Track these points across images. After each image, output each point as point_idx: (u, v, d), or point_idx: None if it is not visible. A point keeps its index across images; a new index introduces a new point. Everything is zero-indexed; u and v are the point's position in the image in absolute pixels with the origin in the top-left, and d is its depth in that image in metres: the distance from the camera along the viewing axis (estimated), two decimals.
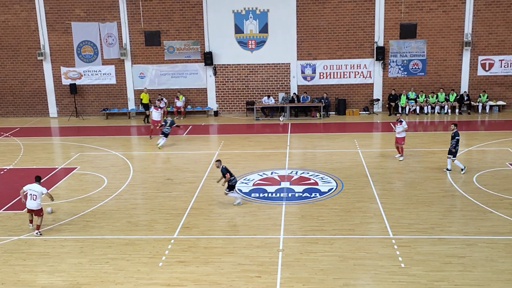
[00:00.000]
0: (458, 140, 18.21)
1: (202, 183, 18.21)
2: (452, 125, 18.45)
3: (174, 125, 23.01)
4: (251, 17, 28.11)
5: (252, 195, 16.98)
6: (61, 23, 28.48)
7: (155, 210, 15.91)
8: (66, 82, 29.17)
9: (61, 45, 28.77)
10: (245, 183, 18.07)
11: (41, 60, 28.90)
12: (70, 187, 18.28)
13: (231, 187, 16.09)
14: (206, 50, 28.38)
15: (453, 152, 18.27)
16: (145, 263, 12.67)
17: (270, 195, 16.97)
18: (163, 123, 22.97)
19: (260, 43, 28.39)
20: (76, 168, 20.15)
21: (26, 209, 14.52)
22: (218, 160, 16.37)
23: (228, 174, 15.89)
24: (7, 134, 25.76)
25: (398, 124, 19.90)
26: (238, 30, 28.28)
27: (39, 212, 14.35)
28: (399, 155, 20.06)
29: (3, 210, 16.15)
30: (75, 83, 28.85)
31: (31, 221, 14.64)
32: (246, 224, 14.78)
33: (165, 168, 20.02)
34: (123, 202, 16.70)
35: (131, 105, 29.22)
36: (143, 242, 13.83)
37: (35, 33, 28.64)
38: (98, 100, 29.44)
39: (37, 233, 14.24)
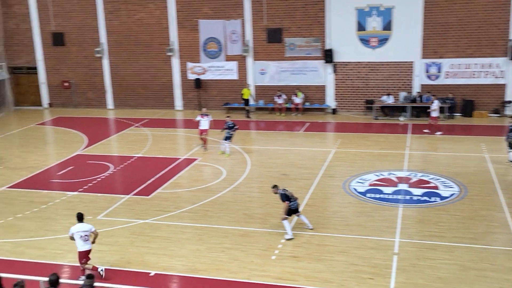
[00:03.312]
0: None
1: (317, 180, 18.20)
2: (510, 118, 19.66)
3: (237, 127, 21.63)
4: (374, 14, 27.48)
5: (368, 195, 16.66)
6: (190, 20, 29.92)
7: (270, 204, 16.19)
8: (191, 77, 30.61)
9: (188, 41, 30.23)
10: (361, 182, 17.77)
11: (170, 56, 30.58)
12: (191, 177, 19.19)
13: (290, 212, 14.02)
14: (327, 47, 28.24)
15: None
16: (259, 255, 12.96)
17: (386, 196, 16.53)
18: (225, 126, 21.40)
19: (383, 41, 27.66)
20: (197, 159, 21.09)
21: (84, 260, 12.05)
22: (275, 186, 14.22)
23: (287, 202, 13.83)
24: (137, 125, 27.64)
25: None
26: (361, 27, 27.78)
27: (88, 254, 12.19)
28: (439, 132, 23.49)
29: (132, 195, 17.38)
30: (199, 78, 30.19)
31: (95, 268, 12.09)
32: (360, 224, 14.55)
33: (281, 163, 20.28)
34: (240, 194, 17.20)
35: (251, 101, 29.89)
36: (257, 234, 14.16)
37: (166, 30, 30.37)
38: (220, 94, 30.53)
39: (101, 270, 12.09)
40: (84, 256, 12.06)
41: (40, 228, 14.99)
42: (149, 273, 12.34)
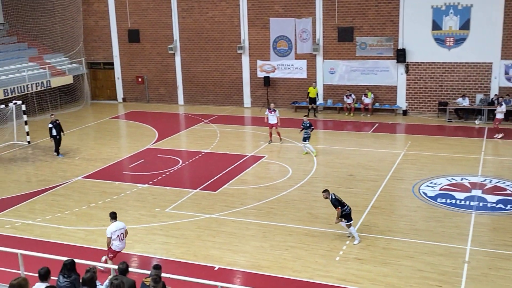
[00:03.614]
0: None
1: (385, 182, 17.81)
2: None
3: (312, 127, 21.28)
4: (451, 12, 26.47)
5: (438, 200, 16.12)
6: (261, 18, 30.07)
7: None
8: (260, 74, 30.75)
9: (259, 39, 30.41)
10: (431, 187, 17.21)
11: (240, 53, 30.87)
12: (257, 174, 19.30)
13: (347, 217, 13.50)
14: (399, 47, 27.53)
15: None
16: (323, 255, 12.86)
17: (458, 202, 15.92)
18: (302, 126, 21.19)
19: (459, 41, 26.60)
20: (264, 157, 21.18)
21: (112, 255, 12.09)
22: (326, 190, 13.76)
23: (339, 208, 13.35)
24: (206, 121, 28.13)
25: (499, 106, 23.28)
26: (436, 26, 26.85)
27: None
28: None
29: (199, 190, 17.71)
30: (268, 76, 30.27)
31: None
32: (429, 230, 14.10)
33: (348, 164, 20.00)
34: (305, 193, 17.13)
35: (319, 100, 29.66)
36: (322, 234, 14.05)
37: (237, 28, 30.69)
38: (289, 93, 30.48)
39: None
40: (117, 253, 12.13)
41: None
42: (214, 267, 12.54)
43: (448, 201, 16.02)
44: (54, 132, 21.88)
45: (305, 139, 21.13)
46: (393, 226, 14.42)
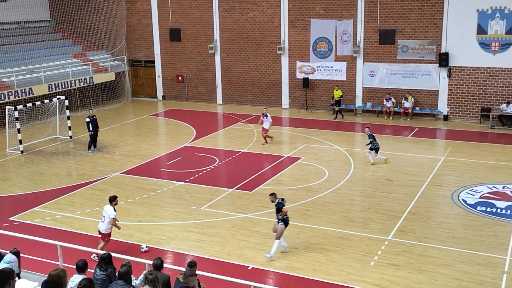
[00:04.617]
0: None
1: (424, 188, 17.49)
2: None
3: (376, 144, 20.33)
4: (497, 16, 25.76)
5: (478, 208, 15.73)
6: (301, 20, 29.98)
7: (371, 209, 15.84)
8: (299, 76, 30.66)
9: (299, 40, 30.32)
10: (471, 194, 16.81)
11: (280, 54, 30.85)
12: (293, 175, 19.25)
13: (285, 223, 13.05)
14: (442, 50, 26.98)
15: None
16: (357, 260, 12.73)
17: (499, 211, 15.49)
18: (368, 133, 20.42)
19: (505, 45, 25.87)
20: (301, 158, 21.11)
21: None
22: (273, 194, 13.25)
23: (284, 207, 12.97)
24: (244, 121, 28.22)
25: None
26: (481, 30, 26.20)
27: (104, 237, 13.10)
28: None
29: (235, 189, 17.79)
30: (307, 77, 30.15)
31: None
32: (467, 238, 13.78)
33: (386, 168, 19.73)
34: (341, 196, 16.99)
35: (359, 102, 29.40)
36: (357, 238, 13.91)
37: (277, 28, 30.69)
38: (327, 95, 30.28)
39: (93, 256, 12.50)
40: (99, 233, 13.24)
41: (147, 214, 15.83)
42: (247, 266, 12.57)
43: (489, 209, 15.61)
44: (90, 127, 22.31)
45: (371, 149, 20.24)
46: (430, 233, 14.15)
